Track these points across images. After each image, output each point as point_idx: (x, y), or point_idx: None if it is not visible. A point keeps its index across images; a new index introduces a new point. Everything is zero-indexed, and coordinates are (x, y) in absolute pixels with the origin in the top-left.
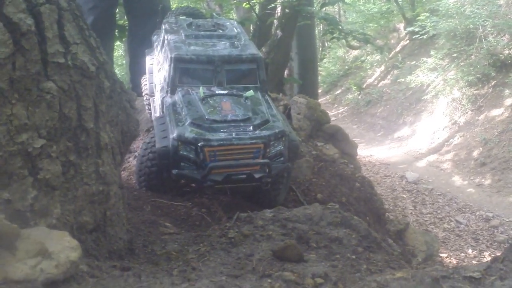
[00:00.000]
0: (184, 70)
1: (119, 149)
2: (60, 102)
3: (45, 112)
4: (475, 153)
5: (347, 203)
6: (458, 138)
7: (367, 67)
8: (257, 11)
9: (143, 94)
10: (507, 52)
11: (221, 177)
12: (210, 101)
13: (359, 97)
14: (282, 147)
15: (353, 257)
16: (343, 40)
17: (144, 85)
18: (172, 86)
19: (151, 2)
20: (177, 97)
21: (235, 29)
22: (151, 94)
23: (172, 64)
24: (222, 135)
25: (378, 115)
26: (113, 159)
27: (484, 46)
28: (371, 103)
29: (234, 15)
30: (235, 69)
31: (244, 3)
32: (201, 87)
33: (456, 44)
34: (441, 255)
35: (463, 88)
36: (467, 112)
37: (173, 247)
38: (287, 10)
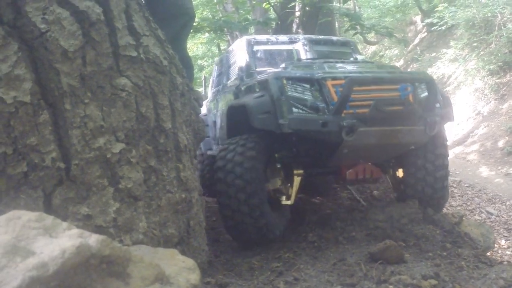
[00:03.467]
0: None
1: (195, 152)
2: (136, 100)
3: (121, 112)
4: (501, 143)
5: (388, 204)
6: (482, 128)
7: (386, 62)
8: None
9: None
10: None
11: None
12: None
13: None
14: None
15: (444, 253)
16: (360, 36)
17: None
18: None
19: (175, 5)
20: None
21: None
22: None
23: None
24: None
25: None
26: (191, 163)
27: (504, 33)
28: None
29: (250, 17)
30: None
31: (265, 3)
32: None
33: (475, 33)
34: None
35: (485, 77)
36: (490, 102)
37: (246, 254)
38: (307, 8)
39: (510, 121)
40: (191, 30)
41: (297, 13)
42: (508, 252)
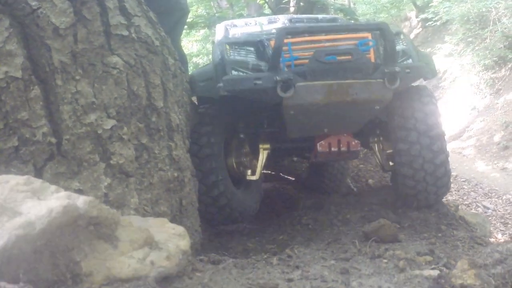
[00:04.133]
0: None
1: (187, 133)
2: (127, 79)
3: (112, 90)
4: (497, 137)
5: (383, 188)
6: (478, 123)
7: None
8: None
9: None
10: None
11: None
12: None
13: None
14: None
15: (439, 235)
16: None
17: None
18: None
19: (169, 0)
20: None
21: None
22: None
23: None
24: None
25: None
26: (183, 143)
27: (499, 28)
28: None
29: (245, 14)
30: None
31: None
32: None
33: (470, 28)
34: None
35: (480, 72)
36: (485, 96)
37: (241, 239)
38: (301, 4)
39: (505, 115)
40: (186, 27)
41: (292, 9)
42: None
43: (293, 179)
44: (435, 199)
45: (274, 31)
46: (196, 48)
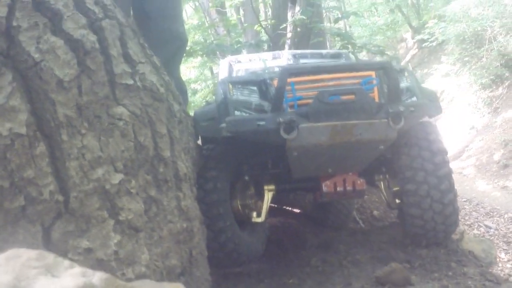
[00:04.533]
0: None
1: (194, 180)
2: (134, 130)
3: (119, 142)
4: (497, 156)
5: (391, 226)
6: (478, 142)
7: None
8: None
9: None
10: None
11: None
12: None
13: None
14: None
15: (450, 273)
16: (352, 55)
17: None
18: None
19: (168, 30)
20: None
21: None
22: None
23: None
24: None
25: None
26: (191, 191)
27: (494, 47)
28: None
29: (242, 40)
30: None
31: (256, 26)
32: None
33: (466, 48)
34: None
35: (478, 91)
36: (484, 115)
37: (250, 282)
38: (298, 29)
39: (504, 134)
40: (184, 55)
41: (289, 34)
42: (508, 265)
43: (298, 211)
44: (444, 236)
45: (276, 68)
46: (194, 74)
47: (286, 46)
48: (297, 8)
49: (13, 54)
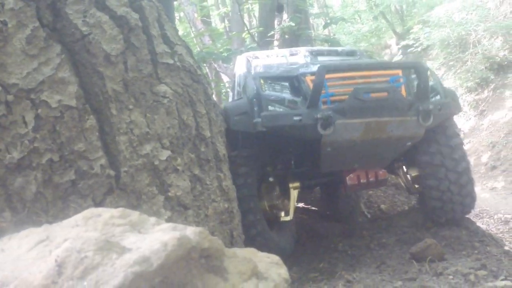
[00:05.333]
0: None
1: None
2: (177, 108)
3: (164, 119)
4: (484, 158)
5: (410, 211)
6: (465, 145)
7: None
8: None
9: None
10: (502, 54)
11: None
12: None
13: None
14: None
15: (475, 252)
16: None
17: None
18: None
19: None
20: None
21: None
22: None
23: None
24: None
25: None
26: (229, 173)
27: (479, 50)
28: None
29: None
30: None
31: (244, 33)
32: None
33: (451, 52)
34: None
35: (464, 95)
36: (470, 118)
37: None
38: (286, 36)
39: (491, 136)
40: None
41: (276, 42)
42: None
43: (315, 209)
44: (462, 210)
45: (293, 64)
46: None
47: None
48: (285, 16)
49: (59, 27)
